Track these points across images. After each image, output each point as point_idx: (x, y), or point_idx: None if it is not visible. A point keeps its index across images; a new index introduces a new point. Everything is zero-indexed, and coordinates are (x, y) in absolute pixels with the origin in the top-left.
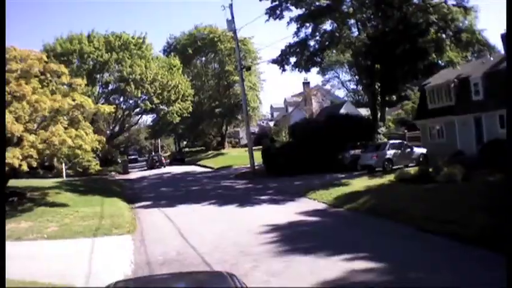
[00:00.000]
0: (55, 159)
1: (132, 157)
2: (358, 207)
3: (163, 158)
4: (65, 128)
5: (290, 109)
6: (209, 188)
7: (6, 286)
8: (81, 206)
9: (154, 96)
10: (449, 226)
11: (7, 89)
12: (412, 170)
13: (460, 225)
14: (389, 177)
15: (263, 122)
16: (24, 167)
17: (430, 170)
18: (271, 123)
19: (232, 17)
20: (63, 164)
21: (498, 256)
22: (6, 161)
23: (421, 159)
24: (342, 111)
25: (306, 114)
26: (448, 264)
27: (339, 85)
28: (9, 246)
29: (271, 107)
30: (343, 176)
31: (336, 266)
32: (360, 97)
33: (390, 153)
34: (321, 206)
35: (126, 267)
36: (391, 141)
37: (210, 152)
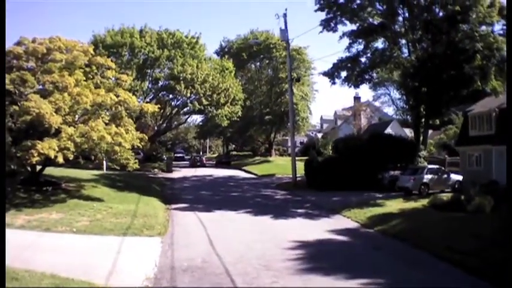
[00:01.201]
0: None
1: (179, 155)
2: (387, 230)
3: (204, 159)
4: (106, 124)
5: (339, 122)
6: (248, 196)
7: (6, 286)
8: (116, 203)
9: (204, 98)
10: (470, 259)
11: (49, 78)
12: (446, 196)
13: (479, 258)
14: (423, 202)
15: (312, 133)
16: (60, 159)
17: (462, 197)
18: (320, 135)
19: (286, 27)
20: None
21: None
22: (42, 151)
23: (456, 186)
24: (388, 129)
25: (354, 129)
26: None
27: (389, 102)
28: (37, 236)
29: (321, 118)
30: (380, 196)
31: None
32: (407, 117)
33: (427, 177)
34: (352, 225)
35: (149, 269)
36: (429, 166)
37: (256, 158)
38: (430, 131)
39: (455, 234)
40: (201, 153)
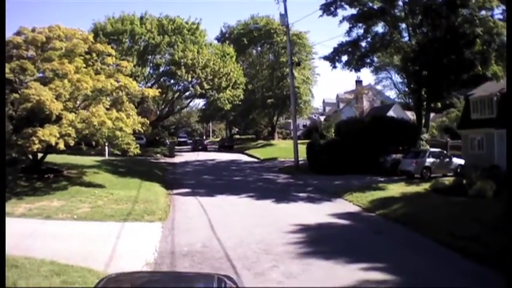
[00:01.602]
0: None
1: (182, 139)
2: (389, 214)
3: (205, 143)
4: (107, 109)
5: (342, 105)
6: (250, 180)
7: (6, 286)
8: (117, 189)
9: (205, 82)
10: (471, 244)
11: (49, 66)
12: (448, 180)
13: (481, 244)
14: (425, 186)
15: (314, 116)
16: (61, 145)
17: (464, 182)
18: (322, 118)
19: (286, 11)
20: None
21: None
22: (43, 138)
23: (458, 169)
24: (390, 112)
25: (356, 112)
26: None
27: (391, 85)
28: (38, 224)
29: (324, 101)
30: (382, 179)
31: (351, 274)
32: (409, 100)
33: (429, 161)
34: (354, 208)
35: (150, 254)
36: (431, 150)
37: (259, 142)
38: (432, 114)
39: (456, 219)
40: (204, 137)
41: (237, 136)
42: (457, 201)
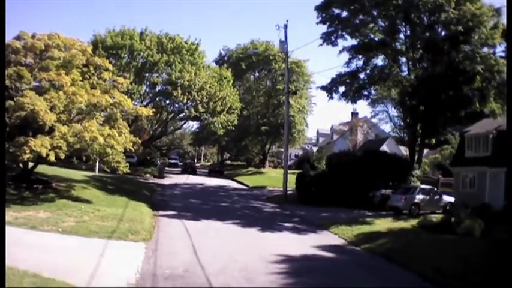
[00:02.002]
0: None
1: (173, 161)
2: (374, 248)
3: (195, 166)
4: (100, 124)
5: (335, 137)
6: (237, 207)
7: (6, 286)
8: (104, 206)
9: (200, 105)
10: (456, 282)
11: (45, 76)
12: (436, 217)
13: (465, 283)
14: (413, 222)
15: (308, 146)
16: (52, 157)
17: (453, 219)
18: (315, 149)
19: (286, 38)
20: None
21: None
22: (34, 148)
23: (448, 207)
24: (384, 146)
25: (349, 144)
26: None
27: (387, 119)
28: (23, 234)
29: (318, 131)
30: (370, 214)
31: None
32: (404, 134)
33: (419, 197)
34: (339, 241)
35: (132, 275)
36: (422, 186)
37: (250, 169)
38: (425, 150)
39: (442, 257)
40: (195, 160)
41: (228, 162)
42: (444, 238)
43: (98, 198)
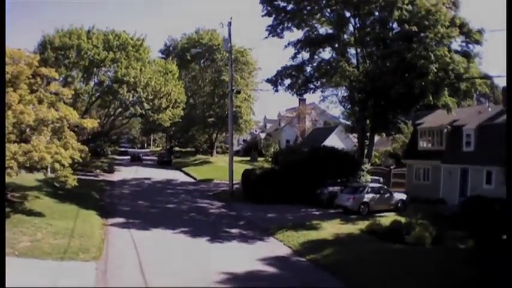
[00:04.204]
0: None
1: (123, 149)
2: (319, 260)
3: (141, 155)
4: (49, 137)
5: (283, 123)
6: (184, 209)
7: (6, 286)
8: (56, 218)
9: (146, 102)
10: None
11: None
12: (385, 222)
13: None
14: (361, 225)
15: (255, 131)
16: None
17: (404, 221)
18: (263, 135)
19: (230, 37)
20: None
21: None
22: None
23: (399, 205)
24: (333, 135)
25: (297, 132)
26: None
27: (337, 103)
28: None
29: (265, 117)
30: (317, 213)
31: None
32: (354, 121)
33: (368, 196)
34: (285, 251)
35: None
36: (371, 185)
37: (198, 157)
38: (376, 138)
39: (389, 272)
40: (145, 145)
41: (177, 148)
42: (393, 249)
43: (50, 209)
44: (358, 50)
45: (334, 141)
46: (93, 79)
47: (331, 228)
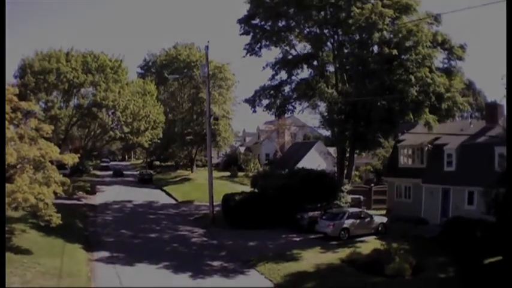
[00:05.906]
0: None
1: (104, 164)
2: None
3: (122, 171)
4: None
5: (262, 137)
6: (166, 239)
7: (6, 286)
8: (43, 255)
9: (125, 125)
10: None
11: None
12: (366, 248)
13: None
14: (342, 254)
15: (235, 143)
16: None
17: (384, 247)
18: (242, 149)
19: (207, 61)
20: None
21: None
22: None
23: (379, 228)
24: (312, 151)
25: (277, 146)
26: None
27: (317, 114)
28: None
29: (244, 131)
30: (297, 239)
31: None
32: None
33: (348, 222)
34: (266, 285)
35: None
36: (350, 210)
37: (178, 173)
38: (356, 154)
39: None
40: (126, 157)
41: (157, 163)
42: (372, 282)
43: (36, 245)
44: (338, 70)
45: (313, 157)
46: (72, 100)
47: (311, 258)
